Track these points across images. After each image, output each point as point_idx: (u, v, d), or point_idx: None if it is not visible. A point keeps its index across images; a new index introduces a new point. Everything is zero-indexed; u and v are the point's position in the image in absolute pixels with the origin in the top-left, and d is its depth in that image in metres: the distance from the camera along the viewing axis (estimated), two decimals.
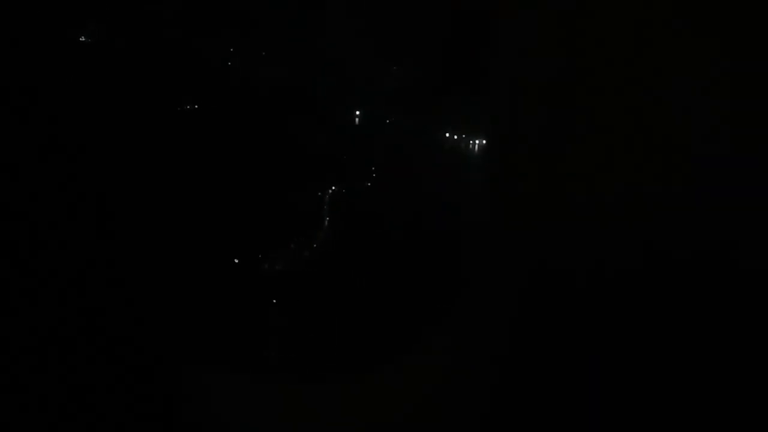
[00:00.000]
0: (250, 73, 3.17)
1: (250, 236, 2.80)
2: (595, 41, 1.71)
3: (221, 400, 1.87)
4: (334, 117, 3.21)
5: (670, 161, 1.68)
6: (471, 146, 3.08)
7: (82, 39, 2.82)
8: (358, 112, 3.17)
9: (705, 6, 1.66)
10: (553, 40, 1.74)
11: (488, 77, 2.01)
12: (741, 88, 1.66)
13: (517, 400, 1.75)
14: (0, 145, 1.86)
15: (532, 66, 1.78)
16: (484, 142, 3.05)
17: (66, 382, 1.70)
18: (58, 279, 1.86)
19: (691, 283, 1.65)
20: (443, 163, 3.08)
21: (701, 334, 1.65)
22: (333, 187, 2.98)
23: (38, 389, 1.67)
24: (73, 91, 2.35)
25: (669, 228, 1.67)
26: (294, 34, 3.23)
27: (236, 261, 2.65)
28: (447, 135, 3.15)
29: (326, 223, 2.87)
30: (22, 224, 1.85)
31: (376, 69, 3.25)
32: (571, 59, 1.72)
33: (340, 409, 1.92)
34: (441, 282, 2.55)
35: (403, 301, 2.64)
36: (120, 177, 2.36)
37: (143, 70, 2.87)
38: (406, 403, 1.90)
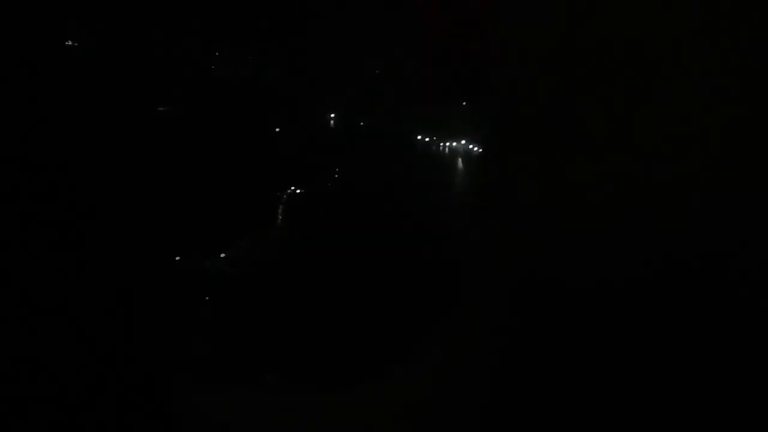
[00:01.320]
0: (222, 73, 3.10)
1: (198, 235, 2.68)
2: (594, 44, 1.67)
3: (201, 412, 1.85)
4: (306, 118, 3.12)
5: (667, 166, 1.63)
6: (442, 149, 2.97)
7: (69, 43, 2.80)
8: (333, 115, 3.09)
9: (704, 5, 1.60)
10: (552, 43, 1.71)
11: (482, 84, 2.07)
12: (742, 88, 1.61)
13: (511, 408, 1.70)
14: None
15: (528, 72, 1.75)
16: (455, 144, 2.94)
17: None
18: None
19: (689, 289, 1.60)
20: (414, 165, 2.97)
21: (699, 341, 1.60)
22: (292, 187, 2.85)
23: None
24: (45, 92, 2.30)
25: (665, 234, 1.63)
26: (272, 36, 3.17)
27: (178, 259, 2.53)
28: (419, 137, 3.05)
29: (279, 222, 2.74)
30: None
31: (353, 72, 3.17)
32: (569, 65, 1.69)
33: (327, 420, 1.86)
34: (416, 285, 2.40)
35: (374, 307, 2.49)
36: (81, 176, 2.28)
37: (116, 71, 2.82)
38: (395, 414, 1.85)
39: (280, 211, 2.81)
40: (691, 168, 1.61)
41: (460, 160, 2.91)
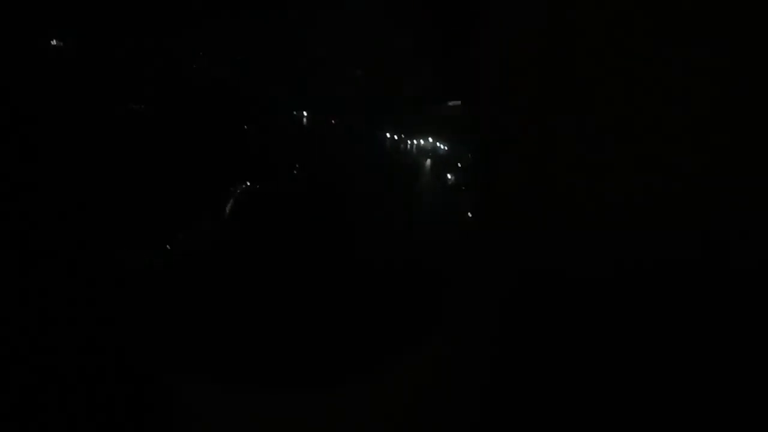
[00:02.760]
0: (193, 68, 3.01)
1: (142, 227, 2.51)
2: (583, 42, 1.65)
3: (193, 412, 1.83)
4: (272, 115, 2.99)
5: (662, 162, 1.62)
6: (409, 146, 2.80)
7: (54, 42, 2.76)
8: (304, 113, 2.97)
9: (697, 3, 1.58)
10: (544, 40, 1.69)
11: (474, 80, 1.98)
12: (736, 86, 1.59)
13: (505, 407, 1.69)
14: None
15: (519, 69, 1.73)
16: (422, 142, 2.77)
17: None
18: None
19: (685, 286, 1.59)
20: (382, 161, 2.82)
21: (697, 340, 1.59)
22: (247, 183, 2.67)
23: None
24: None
25: (661, 231, 1.62)
26: (247, 31, 3.09)
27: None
28: (388, 135, 2.89)
29: (227, 217, 2.56)
30: None
31: (329, 70, 3.07)
32: (560, 62, 1.67)
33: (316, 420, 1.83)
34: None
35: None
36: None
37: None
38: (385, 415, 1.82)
39: (229, 206, 2.63)
40: (686, 167, 1.58)
41: (427, 157, 2.73)
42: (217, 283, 2.48)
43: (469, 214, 2.47)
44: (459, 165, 2.69)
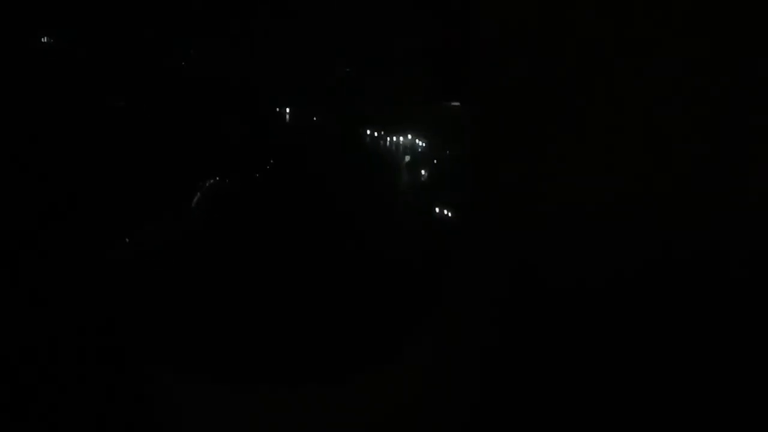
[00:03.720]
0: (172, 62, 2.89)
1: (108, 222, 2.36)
2: (577, 39, 1.64)
3: (188, 409, 1.79)
4: (251, 110, 2.89)
5: (656, 161, 1.60)
6: (388, 143, 2.75)
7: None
8: (287, 109, 2.90)
9: (690, 3, 1.58)
10: (534, 39, 1.67)
11: (468, 79, 1.97)
12: (736, 86, 1.58)
13: (500, 405, 1.67)
14: None
15: (512, 67, 1.71)
16: (402, 139, 2.71)
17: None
18: None
19: (681, 285, 1.57)
20: (361, 157, 2.76)
21: (692, 339, 1.57)
22: (217, 177, 2.55)
23: None
24: None
25: (656, 229, 1.59)
26: (227, 28, 2.99)
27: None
28: (368, 132, 2.84)
29: (195, 211, 2.43)
30: None
31: (317, 69, 3.01)
32: (553, 59, 1.65)
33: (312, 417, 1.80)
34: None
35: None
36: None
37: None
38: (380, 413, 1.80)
39: (196, 199, 2.50)
40: (685, 167, 1.57)
41: (405, 154, 2.69)
42: (195, 281, 2.36)
43: (437, 210, 2.44)
44: (435, 161, 2.66)
